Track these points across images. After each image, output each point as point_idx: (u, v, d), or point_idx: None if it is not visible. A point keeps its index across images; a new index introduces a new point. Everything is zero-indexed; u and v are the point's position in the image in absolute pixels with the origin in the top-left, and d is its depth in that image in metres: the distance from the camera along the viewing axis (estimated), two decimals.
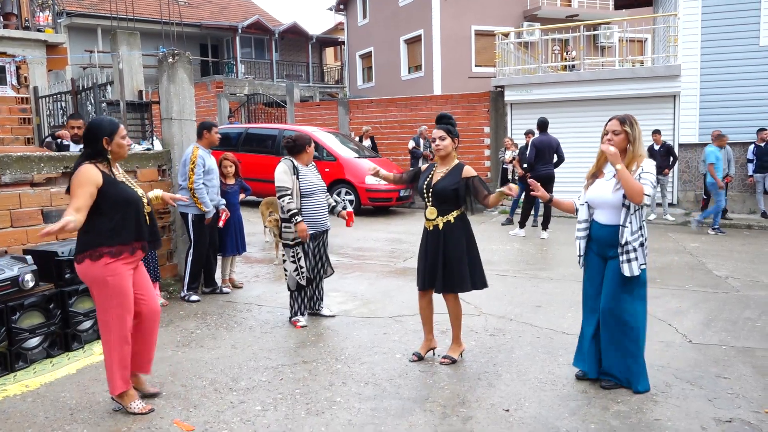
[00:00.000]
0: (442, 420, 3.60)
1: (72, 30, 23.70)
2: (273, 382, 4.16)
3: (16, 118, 9.56)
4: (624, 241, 3.83)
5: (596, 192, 4.01)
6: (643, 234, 3.88)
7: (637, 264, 3.84)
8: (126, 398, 3.67)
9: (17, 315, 4.32)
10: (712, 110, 12.76)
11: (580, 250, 4.12)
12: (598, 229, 4.00)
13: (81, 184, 3.48)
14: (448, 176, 4.39)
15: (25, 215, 5.07)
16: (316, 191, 5.34)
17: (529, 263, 8.16)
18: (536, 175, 9.87)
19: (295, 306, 5.40)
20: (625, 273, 3.84)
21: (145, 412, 3.66)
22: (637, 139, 3.90)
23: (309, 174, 5.37)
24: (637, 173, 3.82)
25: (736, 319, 5.62)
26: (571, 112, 13.99)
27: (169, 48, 7.15)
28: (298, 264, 5.27)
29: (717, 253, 8.79)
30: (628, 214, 3.84)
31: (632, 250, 3.83)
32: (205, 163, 6.03)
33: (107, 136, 3.58)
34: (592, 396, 3.92)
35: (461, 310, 4.55)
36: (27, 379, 4.22)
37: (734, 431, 3.47)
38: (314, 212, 5.30)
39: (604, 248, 3.97)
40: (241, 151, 13.10)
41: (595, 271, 4.07)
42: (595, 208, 4.05)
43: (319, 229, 5.36)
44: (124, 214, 3.57)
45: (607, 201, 3.92)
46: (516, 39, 16.25)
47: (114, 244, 3.53)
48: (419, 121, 15.83)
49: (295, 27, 29.89)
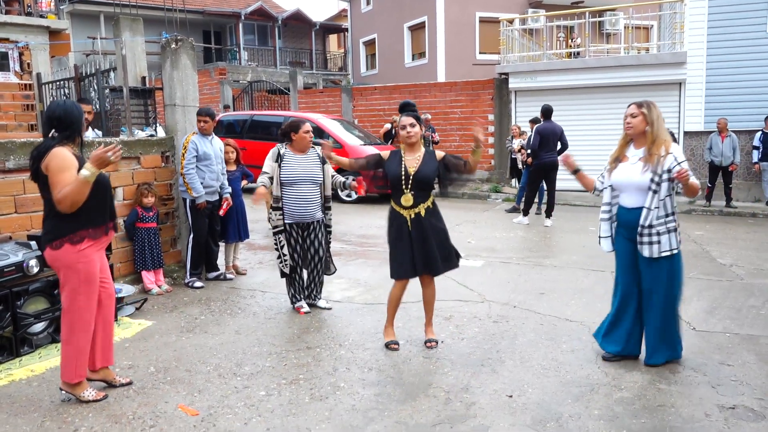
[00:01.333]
0: (445, 405, 3.61)
1: (75, 16, 23.62)
2: (277, 367, 4.17)
3: (19, 104, 9.56)
4: (648, 223, 3.92)
5: (622, 175, 4.07)
6: (674, 220, 3.98)
7: (658, 248, 3.94)
8: (80, 387, 3.62)
9: (22, 300, 4.33)
10: (717, 98, 12.67)
11: (603, 232, 4.22)
12: (626, 214, 4.08)
13: (64, 168, 3.39)
14: (426, 164, 4.40)
15: (29, 201, 5.08)
16: (298, 182, 5.14)
17: (533, 251, 8.15)
18: (540, 162, 9.86)
19: (289, 292, 5.43)
20: (644, 254, 3.97)
21: (100, 399, 3.64)
22: (655, 122, 3.96)
23: (295, 164, 5.16)
24: (671, 164, 3.89)
25: (740, 306, 5.61)
26: (575, 99, 13.92)
27: (172, 34, 7.11)
28: (280, 252, 5.27)
29: (721, 241, 8.77)
30: (655, 198, 3.91)
31: (655, 234, 3.92)
32: (197, 149, 6.01)
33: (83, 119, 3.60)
34: (595, 382, 3.93)
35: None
36: (32, 363, 4.25)
37: (738, 418, 3.47)
38: (294, 203, 5.16)
39: (633, 232, 4.04)
40: (246, 138, 13.07)
41: (627, 256, 4.15)
42: (620, 191, 4.12)
43: (300, 220, 5.22)
44: (98, 196, 3.55)
45: (634, 183, 3.99)
46: (521, 26, 16.13)
47: (93, 226, 3.53)
48: (423, 109, 15.76)
49: (298, 14, 29.71)
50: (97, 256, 3.60)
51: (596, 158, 13.38)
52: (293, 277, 5.38)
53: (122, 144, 5.97)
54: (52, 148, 3.43)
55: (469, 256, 7.57)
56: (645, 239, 3.96)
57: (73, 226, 3.48)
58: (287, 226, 5.22)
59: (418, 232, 4.38)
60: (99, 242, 3.60)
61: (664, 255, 3.96)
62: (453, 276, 6.35)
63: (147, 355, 4.36)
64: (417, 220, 4.38)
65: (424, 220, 4.38)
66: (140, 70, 7.52)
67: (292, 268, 5.30)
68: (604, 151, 14.60)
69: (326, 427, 3.35)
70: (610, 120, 13.40)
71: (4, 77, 10.15)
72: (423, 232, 4.38)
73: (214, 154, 6.19)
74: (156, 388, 3.83)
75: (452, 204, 12.18)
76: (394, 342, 4.55)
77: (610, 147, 14.09)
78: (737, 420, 3.44)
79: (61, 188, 3.36)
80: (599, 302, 5.66)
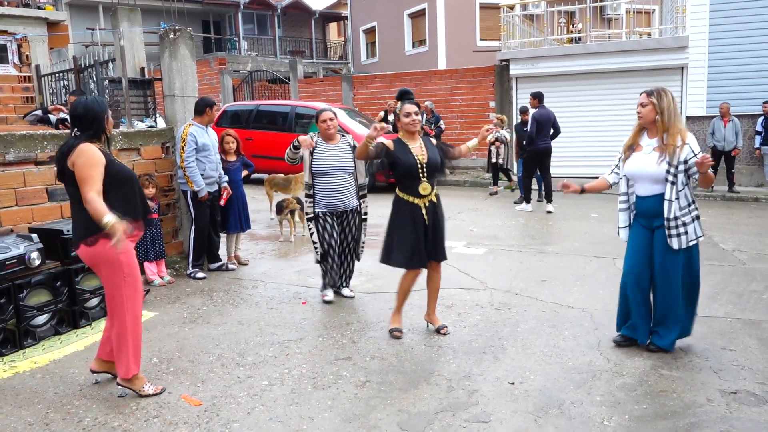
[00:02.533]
0: (447, 393, 3.62)
1: (73, 8, 23.51)
2: (279, 357, 4.18)
3: (18, 96, 9.54)
4: (672, 215, 3.90)
5: (636, 165, 4.04)
6: (696, 208, 3.98)
7: (686, 238, 3.93)
8: (137, 381, 3.62)
9: (24, 293, 4.35)
10: (720, 82, 12.59)
11: (621, 222, 4.20)
12: (641, 202, 4.07)
13: (93, 164, 3.37)
14: (431, 150, 4.46)
15: (30, 194, 5.08)
16: (329, 171, 5.15)
17: (535, 238, 8.14)
18: (535, 148, 9.87)
19: (322, 281, 5.45)
20: (673, 246, 3.95)
21: (159, 392, 3.64)
22: (665, 111, 3.91)
23: (325, 153, 5.17)
24: (687, 154, 3.86)
25: (742, 291, 5.60)
26: (577, 85, 13.84)
27: (170, 24, 7.08)
28: (311, 239, 5.31)
29: (723, 226, 8.75)
30: (674, 189, 3.89)
31: (681, 224, 3.92)
32: (197, 140, 5.99)
33: (107, 115, 3.56)
34: (597, 369, 3.94)
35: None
36: (36, 355, 4.27)
37: (740, 402, 3.47)
38: (326, 192, 5.17)
39: (650, 219, 4.03)
40: (252, 128, 12.99)
41: (641, 243, 4.12)
42: (635, 181, 4.10)
43: (333, 209, 5.22)
44: (127, 190, 3.55)
45: (649, 174, 3.96)
46: (521, 11, 16.02)
47: (132, 218, 3.48)
48: (424, 97, 15.69)
49: (297, 2, 29.54)
50: (133, 249, 3.59)
51: (598, 143, 13.43)
52: (329, 265, 5.31)
53: (122, 135, 5.99)
54: (77, 146, 3.40)
55: (471, 244, 7.57)
56: (673, 231, 3.93)
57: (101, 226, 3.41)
58: (320, 214, 5.23)
59: (433, 220, 4.42)
60: (133, 235, 3.55)
61: (692, 244, 3.97)
62: (455, 264, 6.37)
63: (150, 346, 4.37)
64: (431, 208, 4.42)
65: (438, 208, 4.48)
66: (139, 61, 7.49)
67: (325, 253, 5.27)
68: (606, 137, 14.60)
69: (329, 416, 3.37)
70: (611, 105, 13.36)
71: (3, 69, 10.13)
72: (436, 219, 4.45)
73: (212, 144, 6.18)
74: (159, 379, 3.85)
75: (454, 192, 12.17)
76: (398, 329, 4.56)
77: (612, 132, 14.20)
78: (739, 405, 3.45)
79: (91, 186, 3.33)
80: (601, 289, 5.67)
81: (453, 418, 3.33)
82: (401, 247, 4.42)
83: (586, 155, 13.46)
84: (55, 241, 4.71)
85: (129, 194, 3.56)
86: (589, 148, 13.49)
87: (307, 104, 13.50)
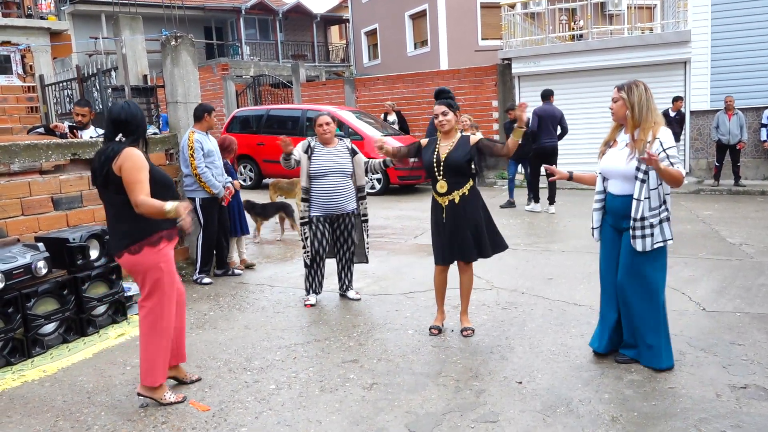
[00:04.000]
0: (455, 394, 3.62)
1: (76, 17, 23.64)
2: (286, 361, 4.18)
3: (23, 107, 9.58)
4: (639, 216, 3.66)
5: (608, 162, 3.86)
6: (667, 209, 3.73)
7: (651, 240, 3.68)
8: (160, 390, 3.59)
9: (32, 302, 4.36)
10: (723, 76, 12.53)
11: (595, 222, 4.01)
12: (612, 200, 3.87)
13: (140, 168, 3.38)
14: (457, 149, 4.42)
15: (35, 203, 5.11)
16: (327, 173, 5.17)
17: (540, 236, 8.12)
18: (540, 146, 9.56)
19: (306, 284, 5.46)
20: (636, 248, 3.71)
21: (180, 401, 3.62)
22: (636, 105, 3.66)
23: (323, 156, 5.20)
24: (656, 150, 3.56)
25: (750, 285, 5.57)
26: (580, 82, 13.80)
27: (171, 31, 7.11)
28: (304, 242, 5.31)
29: (730, 221, 8.70)
30: (645, 188, 3.64)
31: (649, 226, 3.67)
32: (203, 147, 6.01)
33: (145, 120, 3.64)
34: (605, 366, 3.92)
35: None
36: (44, 364, 4.28)
37: (749, 397, 3.45)
38: (323, 195, 5.19)
39: (618, 220, 3.83)
40: (263, 133, 12.99)
41: (610, 245, 3.95)
42: (609, 178, 3.90)
43: (328, 213, 5.24)
44: (165, 196, 3.50)
45: (619, 171, 3.76)
46: (522, 10, 15.99)
47: (168, 227, 3.52)
48: (427, 98, 15.69)
49: (298, 6, 29.60)
50: (170, 254, 3.59)
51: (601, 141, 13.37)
52: (312, 269, 5.37)
53: None
54: (122, 150, 3.41)
55: None
56: (638, 232, 3.69)
57: (151, 228, 3.45)
58: (313, 218, 5.24)
59: (451, 220, 4.42)
60: (172, 242, 3.61)
61: (657, 246, 3.72)
62: None
63: None
64: (451, 208, 4.42)
65: (459, 208, 4.40)
66: (141, 69, 7.53)
67: (312, 259, 5.32)
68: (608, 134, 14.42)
69: (336, 419, 3.37)
70: None
71: (7, 80, 10.18)
72: (455, 220, 4.42)
73: (215, 150, 6.20)
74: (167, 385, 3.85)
75: None
76: (434, 327, 4.63)
77: None
78: (749, 399, 3.43)
79: (141, 190, 3.34)
80: None
81: (461, 419, 3.32)
82: (432, 243, 4.62)
83: (590, 152, 13.38)
84: (61, 250, 4.72)
85: (169, 199, 3.49)
86: (593, 145, 13.41)
87: (317, 107, 13.47)
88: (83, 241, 4.80)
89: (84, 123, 6.61)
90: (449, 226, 4.43)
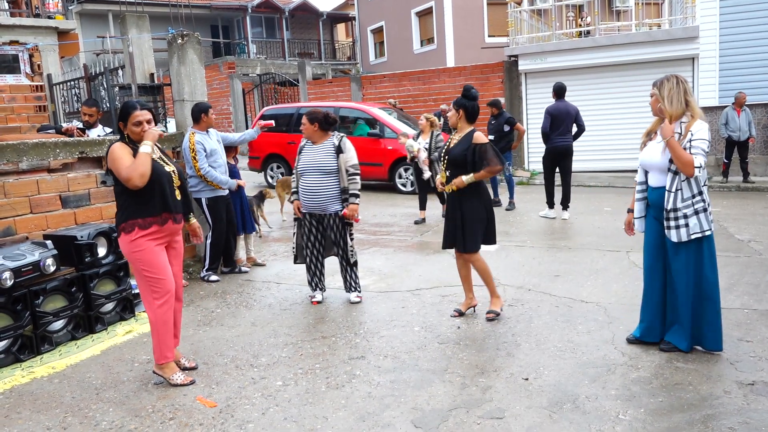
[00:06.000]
0: (461, 390, 3.62)
1: (84, 16, 23.76)
2: (293, 357, 4.20)
3: (31, 106, 9.62)
4: (671, 207, 3.78)
5: (647, 154, 3.98)
6: (703, 200, 3.79)
7: (687, 231, 3.77)
8: (168, 370, 3.83)
9: (40, 299, 4.39)
10: (732, 71, 12.44)
11: (637, 213, 4.12)
12: (651, 193, 4.00)
13: (119, 156, 3.65)
14: (460, 143, 4.70)
15: (43, 201, 5.14)
16: (307, 171, 5.19)
17: (547, 233, 8.10)
18: (551, 146, 8.86)
19: (307, 280, 5.52)
20: (672, 239, 3.83)
21: (187, 383, 3.80)
22: (666, 98, 3.82)
23: (307, 154, 5.25)
24: (686, 139, 3.73)
25: (759, 282, 5.54)
26: (587, 79, 13.74)
27: (178, 30, 7.13)
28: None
29: (739, 217, 8.65)
30: (677, 180, 3.77)
31: (682, 216, 3.77)
32: (205, 147, 6.02)
33: (121, 120, 3.77)
34: (611, 363, 3.91)
35: (486, 266, 4.82)
36: (53, 361, 4.31)
37: (757, 394, 3.44)
38: (303, 192, 5.22)
39: (659, 212, 3.93)
40: (294, 131, 12.71)
41: (653, 235, 4.03)
42: (648, 170, 4.02)
43: (311, 211, 5.24)
44: (152, 187, 3.69)
45: (656, 164, 3.88)
46: (529, 6, 15.95)
47: (143, 216, 3.68)
48: (433, 95, 15.68)
49: (305, 4, 29.63)
50: (153, 246, 3.71)
51: (610, 137, 13.34)
52: (308, 266, 5.42)
53: None
54: (111, 146, 3.74)
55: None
56: (672, 223, 3.79)
57: (125, 216, 3.70)
58: (304, 215, 5.30)
59: (451, 209, 4.79)
60: (154, 233, 3.72)
61: (695, 237, 3.78)
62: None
63: None
64: (451, 197, 4.76)
65: (456, 200, 4.71)
66: (148, 67, 7.55)
67: (299, 255, 5.43)
68: (617, 130, 14.48)
69: (343, 415, 3.38)
70: (622, 98, 13.25)
71: (15, 79, 10.23)
72: (453, 210, 4.75)
73: (219, 148, 6.21)
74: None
75: None
76: (456, 309, 4.93)
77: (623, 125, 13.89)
78: (756, 396, 3.41)
79: (121, 165, 3.60)
80: (614, 283, 5.63)
81: (467, 415, 3.33)
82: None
83: (599, 149, 13.38)
84: (69, 248, 4.75)
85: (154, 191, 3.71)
86: (601, 142, 13.40)
87: (350, 105, 13.21)
88: (91, 238, 4.83)
89: (91, 123, 6.65)
90: (448, 216, 4.82)
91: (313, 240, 5.34)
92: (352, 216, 5.15)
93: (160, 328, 3.77)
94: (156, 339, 3.79)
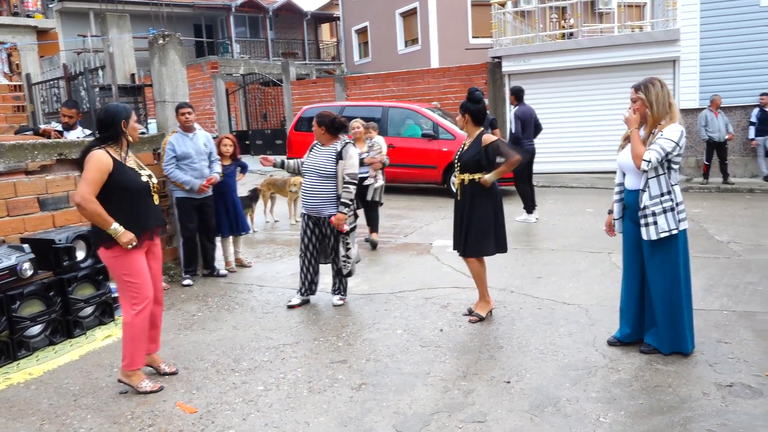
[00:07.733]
0: (443, 394, 3.61)
1: (64, 15, 23.45)
2: (275, 361, 4.17)
3: (9, 106, 9.47)
4: (642, 205, 3.86)
5: (624, 156, 4.02)
6: (671, 199, 3.83)
7: (655, 229, 3.84)
8: (135, 378, 3.74)
9: (17, 304, 4.32)
10: (712, 74, 12.59)
11: (615, 214, 4.18)
12: (628, 195, 4.05)
13: (94, 168, 3.54)
14: (471, 147, 4.75)
15: (21, 204, 5.05)
16: (306, 173, 5.27)
17: (530, 235, 8.13)
18: (523, 151, 8.39)
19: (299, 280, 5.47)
20: (643, 237, 3.90)
21: (156, 390, 3.74)
22: (654, 103, 3.84)
23: (311, 156, 5.27)
24: (656, 137, 3.80)
25: (737, 283, 5.60)
26: (570, 80, 13.83)
27: (159, 29, 7.05)
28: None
29: (718, 218, 8.75)
30: (644, 178, 3.85)
31: (651, 215, 3.84)
32: (175, 149, 5.97)
33: (125, 119, 3.69)
34: (593, 365, 3.93)
35: (481, 270, 4.87)
36: (30, 366, 4.24)
37: (735, 395, 3.47)
38: (302, 192, 5.33)
39: (634, 213, 3.99)
40: None
41: (630, 237, 4.10)
42: (625, 172, 4.08)
43: (309, 212, 5.24)
44: (131, 203, 3.66)
45: (632, 165, 3.91)
46: (513, 8, 16.01)
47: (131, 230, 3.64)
48: (417, 95, 15.69)
49: (289, 4, 29.50)
50: (133, 256, 3.66)
51: (591, 138, 13.43)
52: (301, 267, 5.36)
53: None
54: (92, 150, 3.62)
55: None
56: (642, 221, 3.88)
57: (106, 234, 3.60)
58: (304, 216, 5.31)
59: (460, 210, 4.82)
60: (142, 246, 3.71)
61: (663, 236, 3.83)
62: (450, 263, 6.37)
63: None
64: (460, 198, 4.81)
65: (466, 202, 4.76)
66: (129, 68, 7.47)
67: (301, 256, 5.33)
68: (599, 131, 14.55)
69: (324, 420, 3.36)
70: (604, 100, 13.35)
71: None
72: (463, 211, 4.79)
73: (196, 151, 6.04)
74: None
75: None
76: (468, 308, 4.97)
77: (605, 127, 13.90)
78: (735, 398, 3.44)
79: (84, 186, 3.51)
80: (596, 285, 5.67)
81: (449, 419, 3.32)
82: None
83: (581, 150, 13.48)
84: (47, 251, 4.68)
85: (135, 206, 3.68)
86: (582, 142, 13.52)
87: (399, 105, 12.58)
88: (69, 242, 4.76)
89: (71, 124, 6.56)
90: (456, 217, 4.87)
91: (307, 242, 5.30)
92: (338, 225, 5.07)
93: (136, 334, 3.70)
94: (129, 346, 3.71)
